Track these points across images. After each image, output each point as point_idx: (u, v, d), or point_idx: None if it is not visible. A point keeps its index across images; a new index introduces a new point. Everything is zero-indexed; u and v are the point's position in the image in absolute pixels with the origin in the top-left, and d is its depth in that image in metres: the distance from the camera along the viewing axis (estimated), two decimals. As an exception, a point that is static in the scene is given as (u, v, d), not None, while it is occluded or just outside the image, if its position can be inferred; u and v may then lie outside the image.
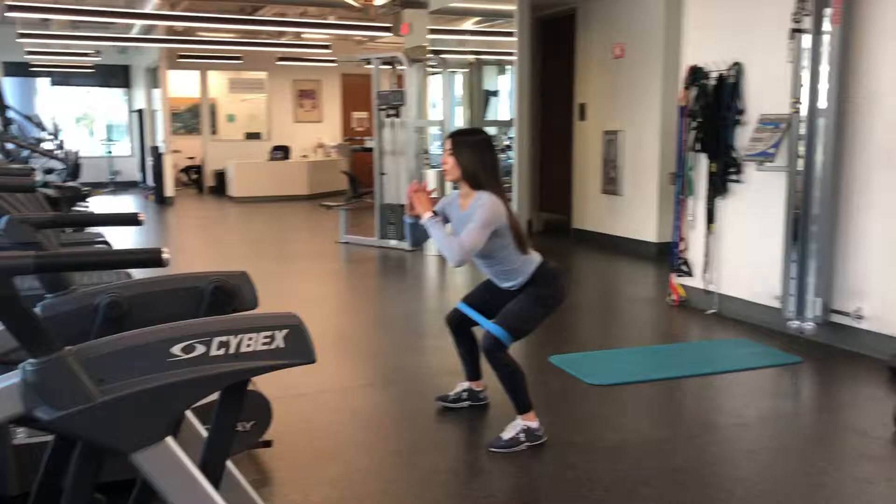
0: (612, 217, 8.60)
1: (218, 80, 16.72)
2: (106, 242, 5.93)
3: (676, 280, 5.86)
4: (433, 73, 10.61)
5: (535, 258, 3.36)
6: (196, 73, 15.99)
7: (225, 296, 2.34)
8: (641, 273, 7.47)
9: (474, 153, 3.25)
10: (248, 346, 1.78)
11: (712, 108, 5.45)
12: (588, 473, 3.03)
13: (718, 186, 5.46)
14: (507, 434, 3.23)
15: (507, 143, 9.67)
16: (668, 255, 7.77)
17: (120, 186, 17.19)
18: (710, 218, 5.58)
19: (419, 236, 3.48)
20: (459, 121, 9.57)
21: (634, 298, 6.43)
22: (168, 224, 11.78)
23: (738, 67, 5.29)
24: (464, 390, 3.69)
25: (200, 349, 1.74)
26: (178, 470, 1.68)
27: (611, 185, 8.56)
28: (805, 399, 4.15)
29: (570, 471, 3.06)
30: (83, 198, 11.02)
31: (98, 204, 13.14)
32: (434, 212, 3.26)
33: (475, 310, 3.42)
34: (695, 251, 5.77)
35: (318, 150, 16.23)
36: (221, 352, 1.75)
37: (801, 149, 4.68)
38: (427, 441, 3.39)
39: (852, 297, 4.59)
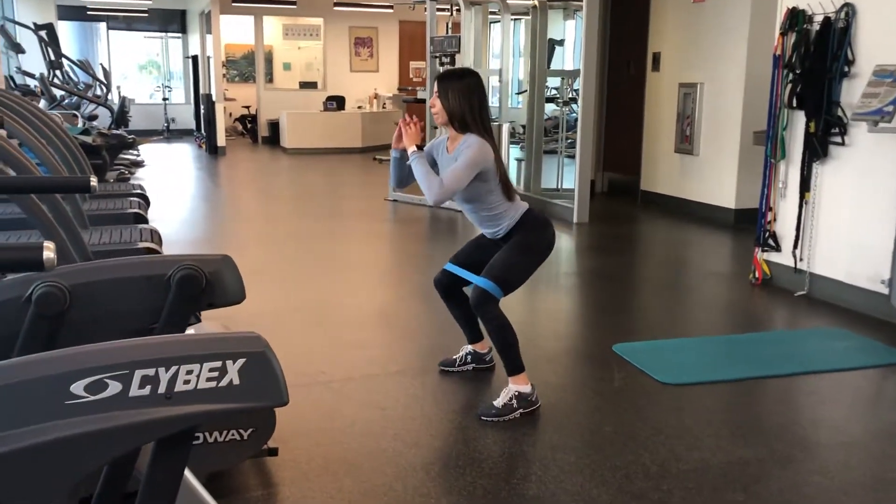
0: (686, 179, 7.83)
1: (273, 27, 16.21)
2: (144, 196, 5.47)
3: (761, 256, 5.15)
4: (494, 21, 9.87)
5: (521, 205, 3.26)
6: (251, 19, 15.50)
7: (196, 286, 1.82)
8: (717, 244, 6.74)
9: (462, 95, 3.14)
10: (187, 382, 1.25)
11: (814, 58, 4.67)
12: (659, 508, 2.45)
13: (817, 149, 4.70)
14: (499, 401, 3.10)
15: (571, 95, 8.91)
16: (746, 224, 7.04)
17: (175, 134, 16.95)
18: (806, 186, 4.83)
19: (404, 175, 3.33)
20: (521, 71, 8.85)
21: (710, 274, 5.74)
22: (214, 175, 11.41)
23: (849, 9, 4.48)
24: (467, 353, 3.56)
25: (115, 387, 1.21)
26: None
27: (685, 143, 7.77)
28: (921, 409, 3.46)
29: (635, 502, 2.48)
30: (129, 146, 10.76)
31: (149, 152, 12.87)
32: (420, 147, 3.19)
33: (464, 268, 3.29)
34: (785, 223, 5.03)
35: (373, 100, 15.64)
36: (146, 391, 1.22)
37: (927, 107, 3.91)
38: (465, 453, 2.84)
39: (980, 287, 3.85)
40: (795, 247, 4.91)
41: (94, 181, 2.00)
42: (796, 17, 4.79)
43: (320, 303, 4.77)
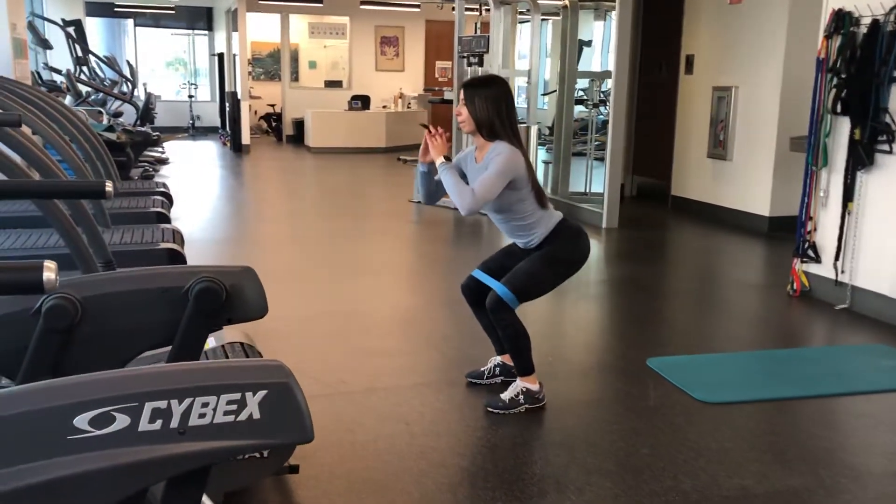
0: (719, 185, 7.63)
1: (299, 25, 16.15)
2: (167, 195, 5.38)
3: (800, 267, 4.96)
4: (522, 21, 9.71)
5: (555, 214, 3.18)
6: (277, 17, 15.45)
7: (216, 300, 1.70)
8: (752, 252, 6.55)
9: (490, 103, 3.07)
10: (202, 416, 1.12)
11: (862, 62, 4.48)
12: (702, 540, 2.30)
13: (862, 157, 4.51)
14: (507, 395, 3.13)
15: (601, 97, 8.73)
16: (781, 232, 6.85)
17: (200, 132, 16.95)
18: (849, 195, 4.64)
19: (432, 189, 3.26)
20: (549, 72, 8.69)
21: (745, 284, 5.55)
22: (238, 173, 11.36)
23: (899, 11, 4.30)
24: (496, 365, 3.45)
25: (122, 421, 1.09)
26: None
27: (719, 148, 7.57)
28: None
29: (677, 533, 2.33)
30: (154, 143, 10.72)
31: (174, 149, 12.85)
32: (447, 157, 3.12)
33: (491, 275, 3.20)
34: (825, 234, 4.84)
35: (398, 100, 15.52)
36: (157, 425, 1.10)
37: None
38: (495, 474, 2.70)
39: None
40: (837, 258, 4.72)
41: (109, 187, 1.89)
42: (842, 20, 4.60)
43: (343, 307, 4.65)
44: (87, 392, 1.06)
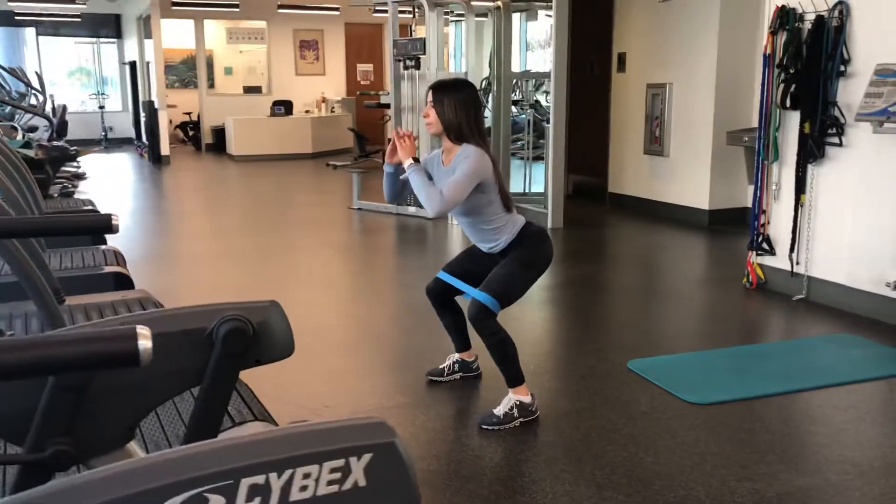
0: (657, 181, 7.73)
1: (214, 30, 15.67)
2: (95, 211, 5.05)
3: (755, 259, 5.05)
4: (454, 20, 9.65)
5: (519, 218, 3.21)
6: (191, 23, 14.95)
7: (243, 341, 1.54)
8: (698, 246, 6.65)
9: (458, 105, 3.05)
10: (304, 488, 0.99)
11: (808, 57, 4.58)
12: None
13: (813, 150, 4.61)
14: (500, 410, 3.06)
15: (536, 98, 8.74)
16: (721, 225, 6.99)
17: (113, 143, 16.27)
18: (801, 187, 4.74)
19: (398, 189, 3.26)
20: (484, 72, 8.65)
21: (701, 280, 5.62)
22: (162, 186, 10.91)
23: (842, 7, 4.40)
24: (455, 362, 3.51)
25: (216, 503, 0.93)
26: None
27: (655, 144, 7.68)
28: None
29: (703, 545, 2.28)
30: (72, 158, 10.16)
31: (89, 164, 12.25)
32: (416, 159, 3.09)
33: (458, 278, 3.22)
34: (779, 226, 4.93)
35: (321, 104, 15.25)
36: (255, 504, 0.95)
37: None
38: (509, 496, 2.60)
39: None
40: (792, 250, 4.81)
41: (115, 220, 1.70)
42: (787, 16, 4.69)
43: (305, 324, 4.44)
44: (175, 471, 0.91)
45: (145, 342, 0.94)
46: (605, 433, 3.02)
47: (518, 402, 3.07)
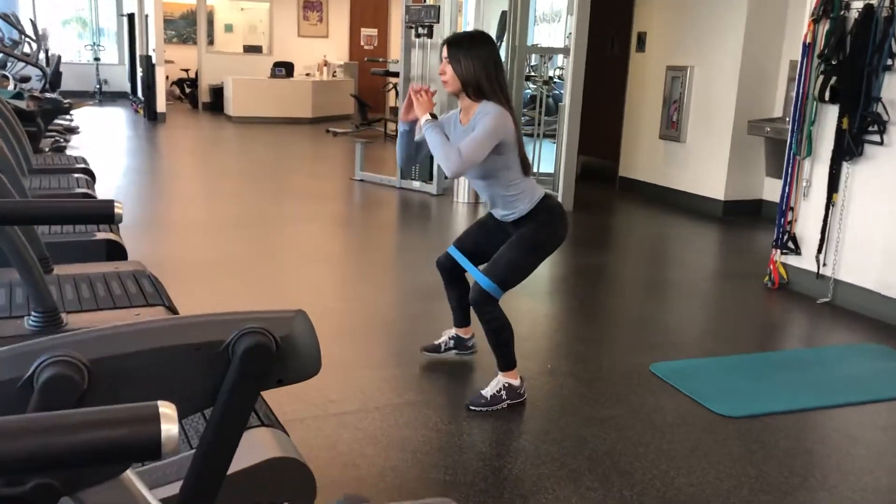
0: (671, 167, 7.49)
1: (216, -15, 15.23)
2: (89, 171, 4.78)
3: (779, 258, 4.83)
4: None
5: (538, 189, 3.04)
6: (192, -25, 14.51)
7: (266, 358, 1.31)
8: (714, 239, 6.43)
9: (476, 60, 2.87)
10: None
11: (853, 49, 4.32)
12: None
13: (851, 147, 4.37)
14: (488, 391, 3.02)
15: (550, 74, 8.44)
16: (735, 217, 6.77)
17: (107, 97, 15.86)
18: (834, 186, 4.51)
19: (412, 152, 3.07)
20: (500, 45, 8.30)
21: (720, 275, 5.40)
22: (158, 144, 10.59)
23: (894, -3, 4.14)
24: (450, 338, 3.46)
25: None
26: None
27: (672, 129, 7.42)
28: None
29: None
30: (65, 111, 9.82)
31: (82, 117, 11.89)
32: (433, 115, 2.90)
33: (467, 254, 3.16)
34: (807, 225, 4.71)
35: (322, 68, 14.87)
36: None
37: None
38: (524, 512, 2.38)
39: None
40: (819, 251, 4.60)
41: (118, 209, 1.46)
42: (831, 3, 4.42)
43: (307, 307, 4.20)
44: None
45: (171, 427, 0.70)
46: (631, 446, 2.81)
47: (507, 385, 3.04)
